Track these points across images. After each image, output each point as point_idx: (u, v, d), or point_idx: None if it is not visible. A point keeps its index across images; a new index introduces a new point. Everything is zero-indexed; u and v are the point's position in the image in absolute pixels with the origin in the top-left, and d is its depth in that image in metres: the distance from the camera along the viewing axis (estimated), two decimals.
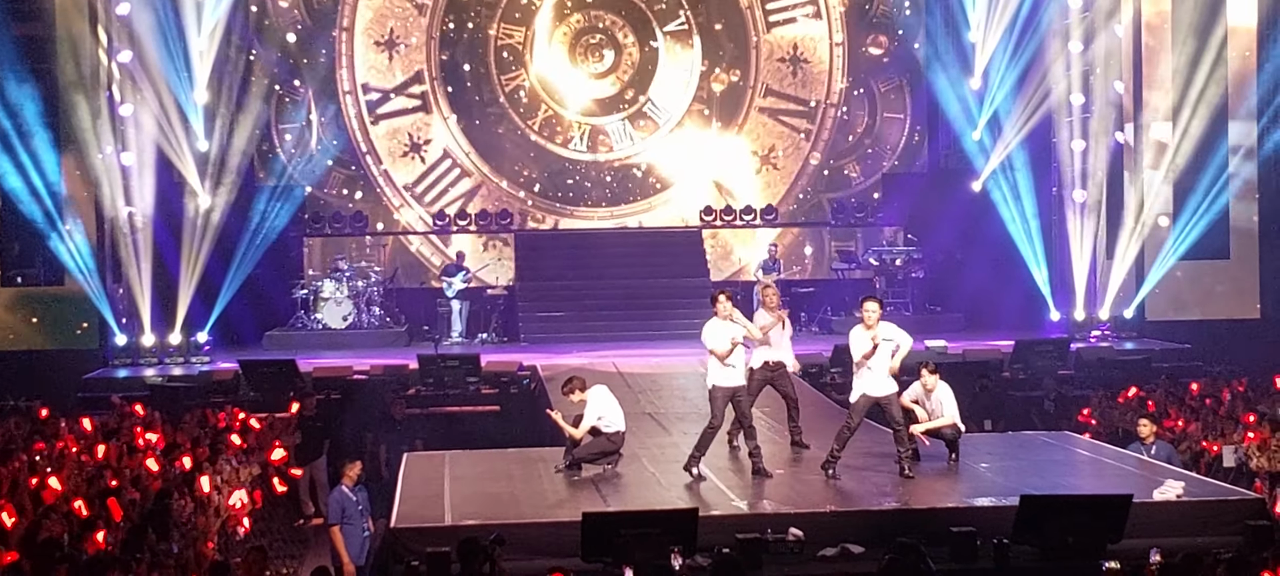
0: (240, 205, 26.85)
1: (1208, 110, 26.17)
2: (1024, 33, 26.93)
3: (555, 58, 29.44)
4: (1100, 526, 12.81)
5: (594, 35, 29.51)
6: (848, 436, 15.21)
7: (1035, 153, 27.35)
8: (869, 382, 15.01)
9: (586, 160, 29.60)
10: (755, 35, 29.55)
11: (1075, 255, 26.84)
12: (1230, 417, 17.92)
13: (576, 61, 29.49)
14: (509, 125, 29.42)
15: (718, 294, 15.69)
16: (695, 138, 29.62)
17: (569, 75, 29.49)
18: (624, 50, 29.51)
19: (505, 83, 29.36)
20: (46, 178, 24.52)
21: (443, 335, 26.66)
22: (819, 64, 29.63)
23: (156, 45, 25.03)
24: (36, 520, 12.86)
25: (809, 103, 29.66)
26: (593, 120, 29.53)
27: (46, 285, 25.63)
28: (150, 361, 25.00)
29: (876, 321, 14.92)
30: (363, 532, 14.76)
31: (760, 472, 15.20)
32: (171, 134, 25.45)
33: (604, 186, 29.66)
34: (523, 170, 29.50)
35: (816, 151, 29.72)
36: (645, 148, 29.61)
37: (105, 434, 17.81)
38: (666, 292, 27.13)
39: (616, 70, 29.51)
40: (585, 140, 29.52)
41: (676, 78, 29.55)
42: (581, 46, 29.49)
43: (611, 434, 15.60)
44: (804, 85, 29.67)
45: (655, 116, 29.57)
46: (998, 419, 20.88)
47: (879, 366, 14.91)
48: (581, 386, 15.69)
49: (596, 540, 12.52)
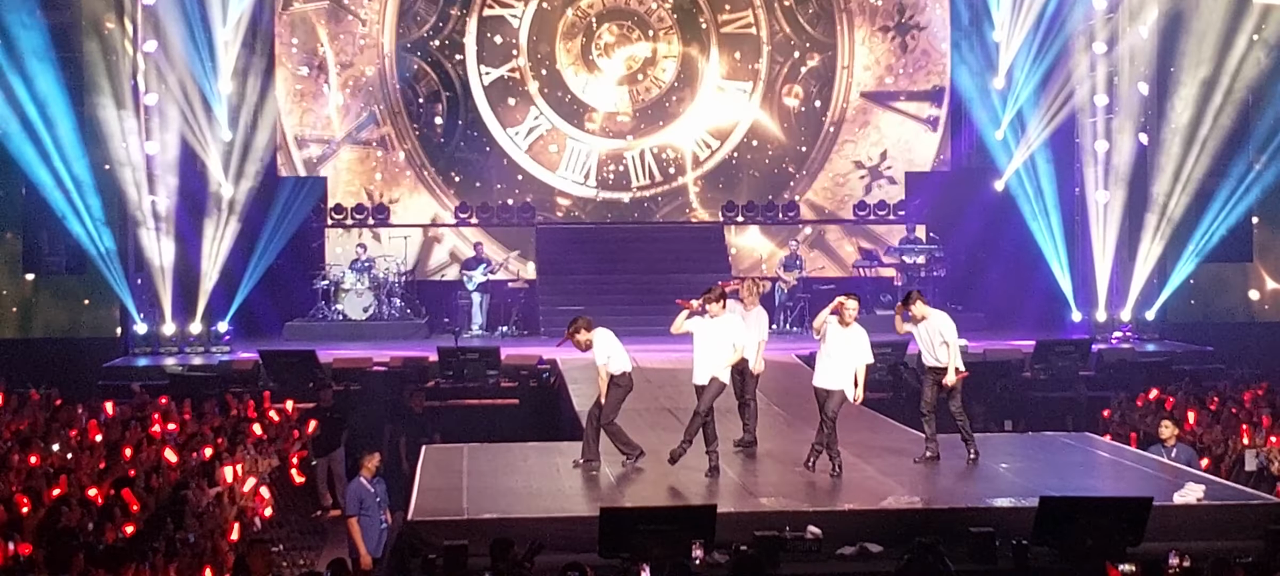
0: (263, 195, 26.89)
1: (1231, 112, 26.06)
2: (1048, 33, 26.86)
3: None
4: (1120, 528, 12.74)
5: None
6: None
7: (1058, 153, 27.29)
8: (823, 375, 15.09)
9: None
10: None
11: (1098, 256, 26.75)
12: (1251, 421, 17.82)
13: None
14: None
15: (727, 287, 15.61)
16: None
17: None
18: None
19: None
20: (71, 166, 24.59)
21: (463, 328, 26.68)
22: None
23: (181, 35, 25.10)
24: (54, 508, 12.89)
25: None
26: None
27: (69, 273, 25.73)
28: (171, 350, 25.09)
29: (853, 320, 15.03)
30: (380, 524, 14.80)
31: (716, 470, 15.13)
32: (195, 123, 25.52)
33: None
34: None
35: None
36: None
37: (124, 422, 17.85)
38: (687, 288, 27.01)
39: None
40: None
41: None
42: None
43: (619, 376, 15.36)
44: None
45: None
46: (1019, 419, 20.80)
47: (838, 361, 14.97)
48: (587, 326, 15.28)
49: (614, 535, 12.48)
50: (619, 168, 29.85)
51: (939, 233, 28.70)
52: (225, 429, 17.55)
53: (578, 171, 29.74)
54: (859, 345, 15.08)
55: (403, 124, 29.32)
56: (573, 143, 29.65)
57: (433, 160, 29.47)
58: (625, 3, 29.71)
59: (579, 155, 29.72)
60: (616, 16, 29.72)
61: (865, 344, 15.16)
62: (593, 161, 29.76)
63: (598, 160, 29.76)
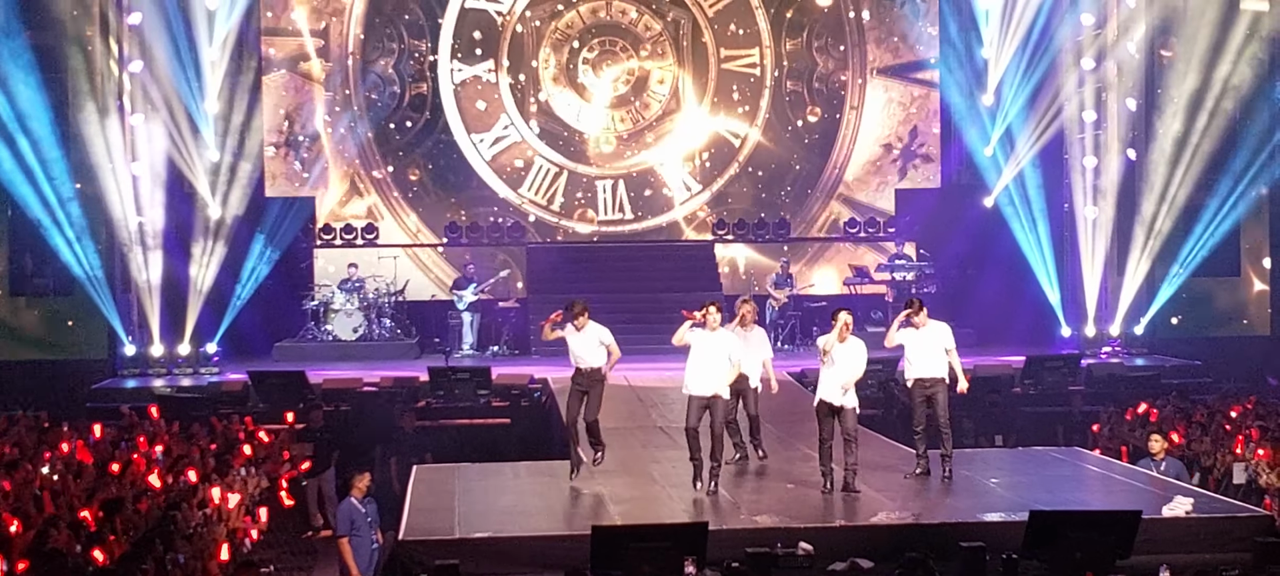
0: (251, 216, 26.85)
1: (1218, 128, 26.13)
2: (1037, 50, 26.94)
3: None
4: (1109, 542, 12.74)
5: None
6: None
7: (1047, 169, 27.35)
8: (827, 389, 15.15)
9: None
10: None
11: (1087, 271, 26.82)
12: (1239, 434, 17.86)
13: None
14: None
15: (713, 304, 15.64)
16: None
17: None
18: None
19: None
20: (57, 187, 24.53)
21: (454, 347, 26.65)
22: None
23: (168, 55, 25.09)
24: (42, 529, 12.84)
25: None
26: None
27: (56, 295, 25.67)
28: (159, 372, 25.03)
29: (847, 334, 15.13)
30: (371, 544, 14.77)
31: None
32: (182, 144, 25.49)
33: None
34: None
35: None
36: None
37: (112, 444, 17.80)
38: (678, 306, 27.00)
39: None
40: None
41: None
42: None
43: (589, 371, 15.74)
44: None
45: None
46: (1009, 434, 20.80)
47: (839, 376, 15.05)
48: (584, 309, 15.75)
49: (606, 553, 12.46)
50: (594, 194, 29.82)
51: (929, 249, 28.74)
52: (214, 450, 17.50)
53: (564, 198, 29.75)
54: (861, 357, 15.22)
55: (381, 171, 29.23)
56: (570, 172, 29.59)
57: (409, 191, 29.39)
58: (615, 20, 29.69)
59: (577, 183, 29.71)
60: (605, 32, 29.69)
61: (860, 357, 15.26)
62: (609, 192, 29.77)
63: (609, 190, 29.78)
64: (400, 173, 29.23)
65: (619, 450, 16.95)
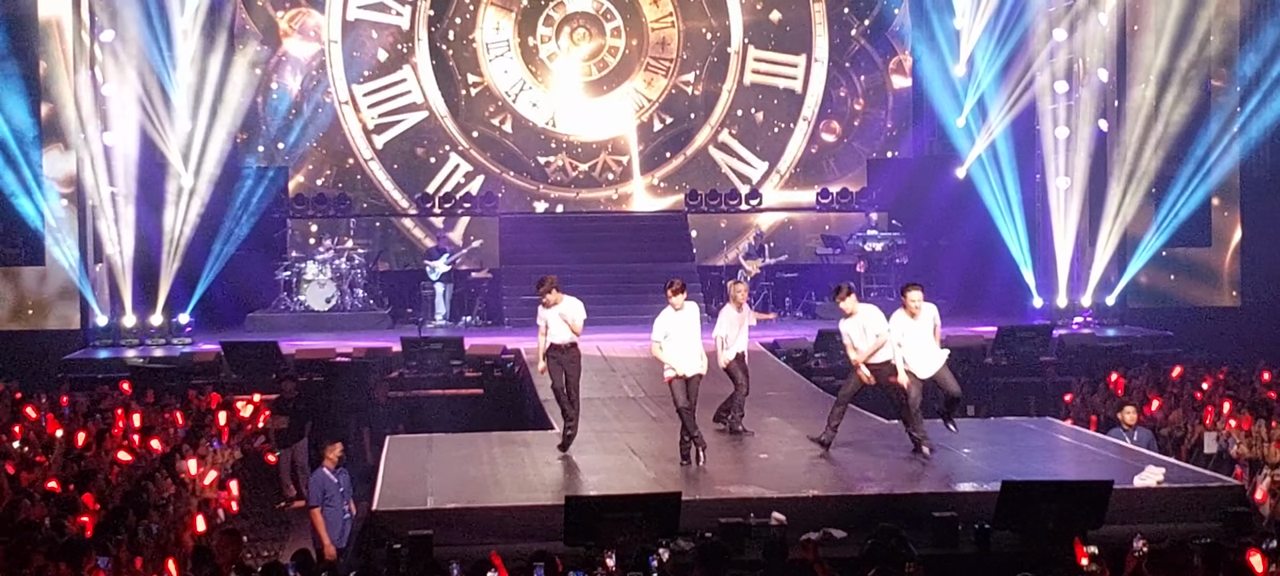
0: (223, 185, 26.75)
1: (1190, 99, 26.20)
2: (1009, 20, 26.95)
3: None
4: (1081, 511, 12.82)
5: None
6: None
7: (1019, 140, 27.37)
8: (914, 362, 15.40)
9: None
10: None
11: (1058, 242, 26.88)
12: (1210, 404, 17.94)
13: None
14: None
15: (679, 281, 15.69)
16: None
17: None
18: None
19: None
20: (28, 157, 24.38)
21: (426, 317, 26.60)
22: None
23: (139, 24, 24.92)
24: (14, 501, 12.80)
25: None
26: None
27: (27, 264, 25.49)
28: (131, 342, 24.91)
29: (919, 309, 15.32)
30: (344, 515, 14.78)
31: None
32: (154, 113, 25.35)
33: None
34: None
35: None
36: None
37: (84, 415, 17.75)
38: (651, 277, 27.04)
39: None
40: None
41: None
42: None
43: (564, 345, 15.81)
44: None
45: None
46: (981, 404, 20.88)
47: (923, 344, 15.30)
48: (553, 285, 15.85)
49: (579, 523, 12.51)
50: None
51: (901, 220, 28.77)
52: (187, 420, 17.46)
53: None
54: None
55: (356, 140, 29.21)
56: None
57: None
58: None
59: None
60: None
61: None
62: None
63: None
64: (377, 142, 29.19)
65: (592, 421, 16.96)
